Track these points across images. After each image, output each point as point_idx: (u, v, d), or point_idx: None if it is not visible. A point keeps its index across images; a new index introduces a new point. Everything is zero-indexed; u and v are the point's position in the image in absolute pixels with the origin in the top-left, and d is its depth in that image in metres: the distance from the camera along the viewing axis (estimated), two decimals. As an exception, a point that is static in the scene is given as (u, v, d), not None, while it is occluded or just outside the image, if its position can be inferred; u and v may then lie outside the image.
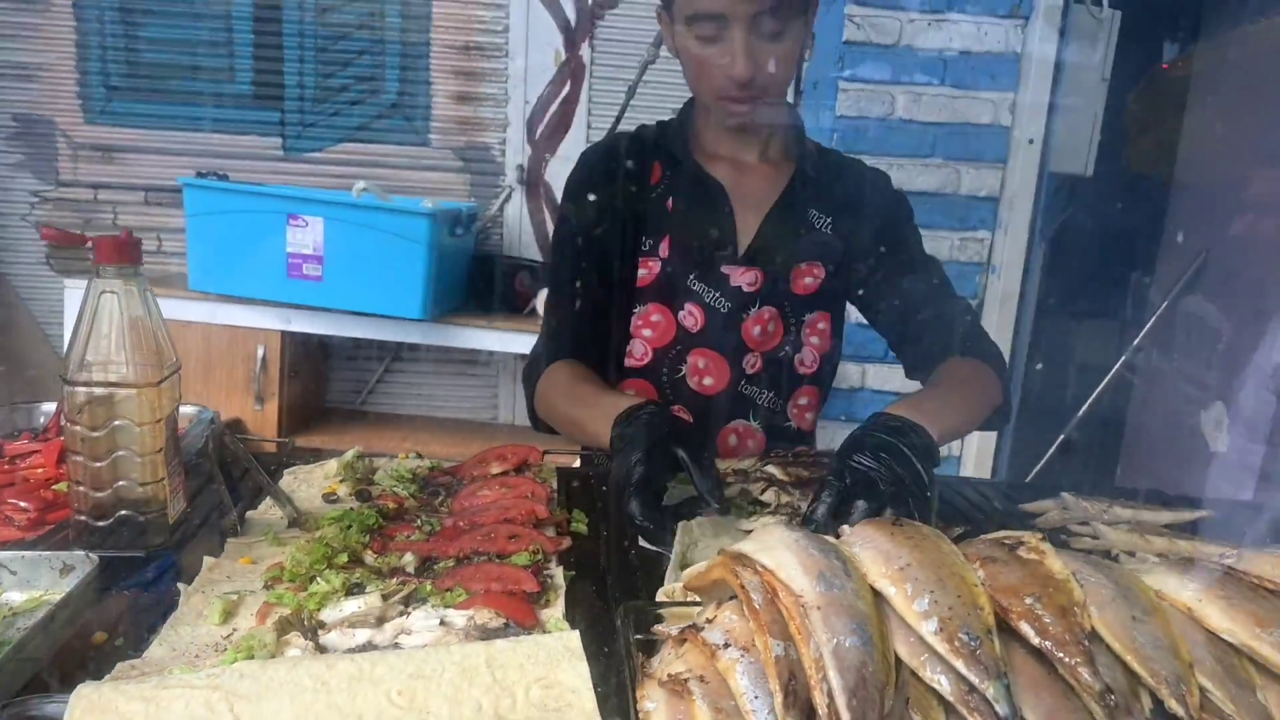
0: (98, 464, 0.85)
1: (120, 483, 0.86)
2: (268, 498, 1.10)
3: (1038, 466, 2.78)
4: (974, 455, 2.97)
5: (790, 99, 1.50)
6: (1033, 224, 2.83)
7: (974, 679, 0.49)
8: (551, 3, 2.93)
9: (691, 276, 1.38)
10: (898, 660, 0.52)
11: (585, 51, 2.98)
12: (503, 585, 0.85)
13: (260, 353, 2.64)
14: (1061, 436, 2.81)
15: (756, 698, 0.51)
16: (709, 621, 0.60)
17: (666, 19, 1.31)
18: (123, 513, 0.87)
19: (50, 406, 1.25)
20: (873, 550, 0.58)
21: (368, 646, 0.75)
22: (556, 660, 0.68)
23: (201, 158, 2.89)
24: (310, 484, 1.18)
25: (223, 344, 2.59)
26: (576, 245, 1.42)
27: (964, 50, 2.72)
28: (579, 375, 1.35)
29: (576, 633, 0.71)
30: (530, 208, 3.07)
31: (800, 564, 0.56)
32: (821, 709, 0.48)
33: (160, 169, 2.93)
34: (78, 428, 0.85)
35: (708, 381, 1.40)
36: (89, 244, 0.84)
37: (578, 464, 1.42)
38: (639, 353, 1.41)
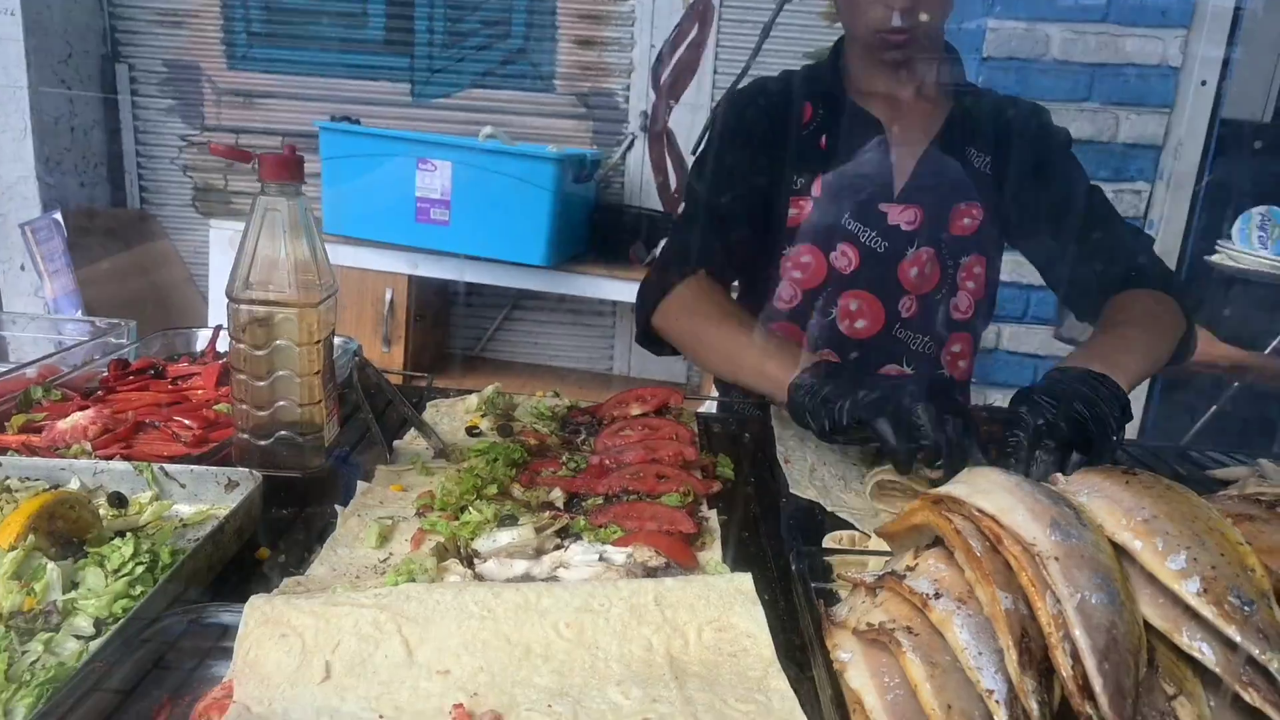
0: (260, 383, 0.85)
1: (280, 403, 0.87)
2: (412, 429, 1.10)
3: (1195, 428, 2.57)
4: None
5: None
6: (1199, 174, 2.59)
7: (1253, 648, 0.42)
8: (681, -58, 2.83)
9: (846, 215, 1.31)
10: (1145, 623, 0.46)
11: (714, -8, 2.87)
12: (658, 525, 0.82)
13: (389, 296, 2.69)
14: (1222, 399, 2.59)
15: (981, 653, 0.46)
16: (910, 569, 0.54)
17: None
18: (282, 433, 0.87)
19: (206, 332, 1.29)
20: (1106, 500, 0.51)
21: (525, 578, 0.73)
22: (729, 603, 0.64)
23: (335, 103, 2.94)
24: (452, 418, 1.17)
25: (352, 286, 2.65)
26: (722, 174, 1.34)
27: (1132, -17, 2.49)
28: (722, 299, 1.25)
29: (749, 575, 0.66)
30: (652, 156, 3.01)
31: (1029, 509, 0.49)
32: (1064, 670, 0.43)
33: (297, 114, 3.00)
34: (241, 345, 0.85)
35: (860, 325, 1.33)
36: (253, 161, 0.83)
37: (713, 408, 1.38)
38: (787, 295, 1.35)
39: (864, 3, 1.21)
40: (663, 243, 1.37)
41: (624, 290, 2.71)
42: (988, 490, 0.52)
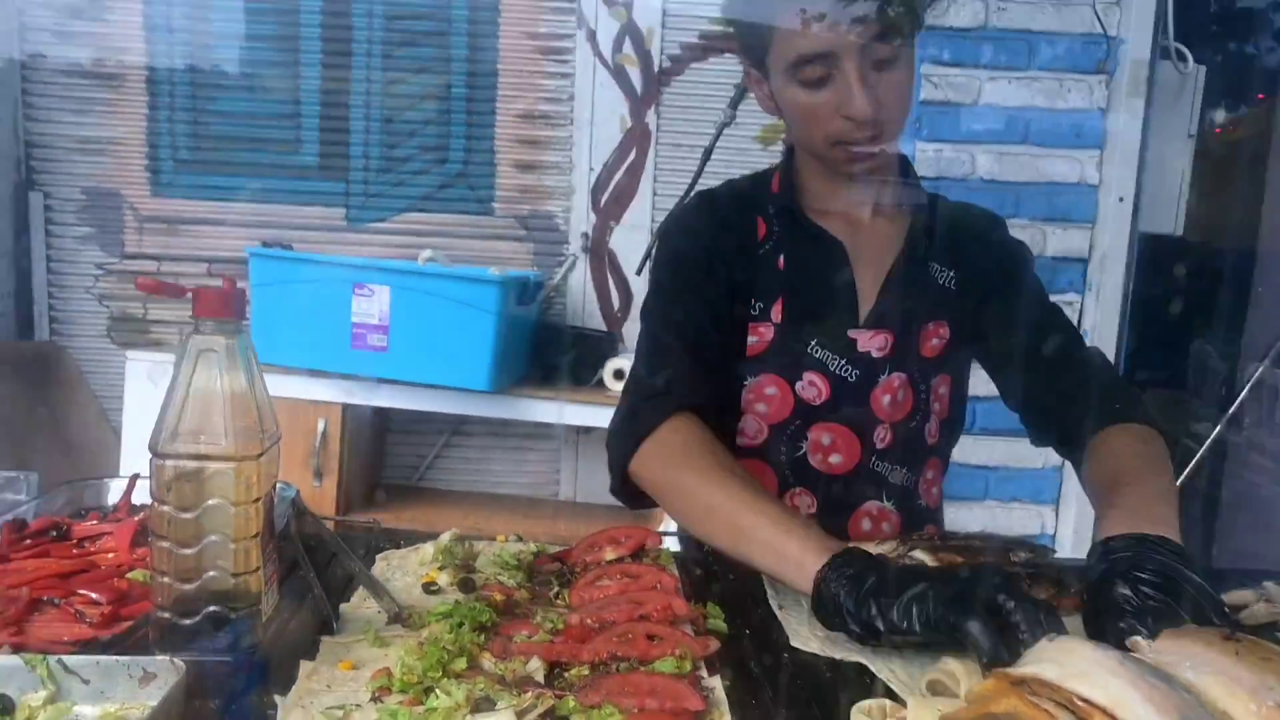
0: (187, 550, 0.73)
1: (210, 573, 0.74)
2: (360, 588, 0.98)
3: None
4: (1071, 533, 2.76)
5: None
6: (1126, 286, 2.68)
7: None
8: (618, 71, 2.91)
9: (812, 343, 1.23)
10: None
11: (651, 119, 2.93)
12: (659, 702, 0.71)
13: (321, 426, 2.54)
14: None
15: None
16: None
17: (757, 74, 1.19)
18: (211, 608, 0.75)
19: (119, 484, 1.15)
20: (1221, 677, 0.44)
21: (511, 781, 0.61)
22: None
23: (265, 229, 2.86)
24: (405, 571, 1.05)
25: (283, 418, 2.48)
26: (683, 299, 1.24)
27: (1047, 107, 2.62)
28: (712, 448, 1.09)
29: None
30: (594, 277, 2.99)
31: (1146, 699, 0.41)
32: None
33: (224, 240, 2.90)
34: (165, 507, 0.73)
35: (834, 460, 1.25)
36: (188, 294, 0.74)
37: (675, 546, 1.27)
38: (752, 430, 1.26)
39: (819, 114, 1.13)
40: (624, 381, 1.26)
41: (570, 413, 2.63)
42: (1085, 671, 0.44)
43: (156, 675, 0.70)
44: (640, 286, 2.97)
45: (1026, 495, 2.75)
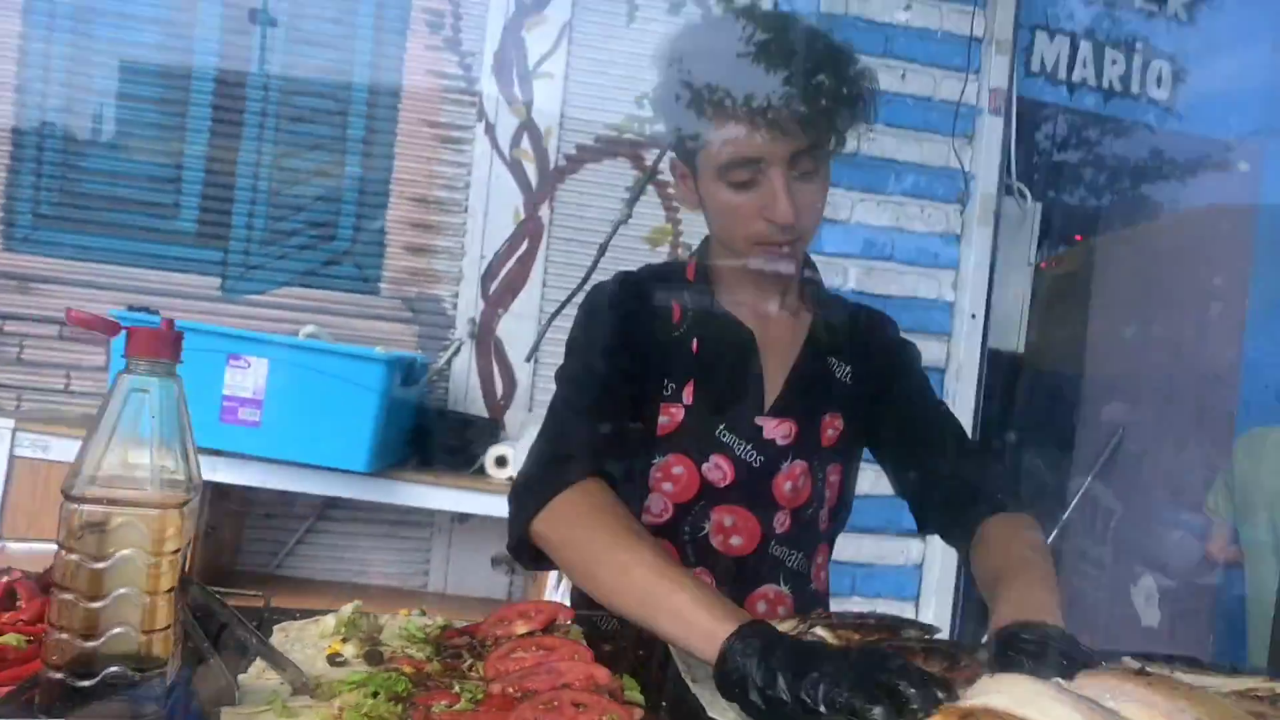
0: (93, 604, 0.68)
1: (116, 629, 0.69)
2: (257, 659, 0.92)
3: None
4: (938, 577, 2.88)
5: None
6: (978, 397, 2.91)
7: None
8: (514, 164, 2.99)
9: (720, 427, 1.28)
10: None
11: (544, 212, 3.01)
12: (595, 764, 0.70)
13: (176, 504, 2.37)
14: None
15: None
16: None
17: (685, 170, 1.27)
18: (113, 669, 0.69)
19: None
20: (1139, 705, 0.49)
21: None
22: None
23: (130, 293, 2.71)
24: (305, 643, 0.99)
25: (136, 493, 2.32)
26: (594, 367, 1.27)
27: (909, 229, 2.88)
28: (614, 511, 1.10)
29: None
30: (479, 363, 2.98)
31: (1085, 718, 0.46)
32: None
33: (81, 302, 2.71)
34: (73, 556, 0.68)
35: (735, 541, 1.28)
36: (121, 332, 0.71)
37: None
38: (657, 508, 1.28)
39: (743, 215, 1.21)
40: (532, 444, 1.26)
41: (448, 499, 2.57)
42: (1031, 699, 0.48)
43: (46, 744, 0.64)
44: (525, 375, 2.98)
45: (890, 591, 2.87)
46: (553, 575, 2.34)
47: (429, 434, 2.69)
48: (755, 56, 1.17)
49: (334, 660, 0.94)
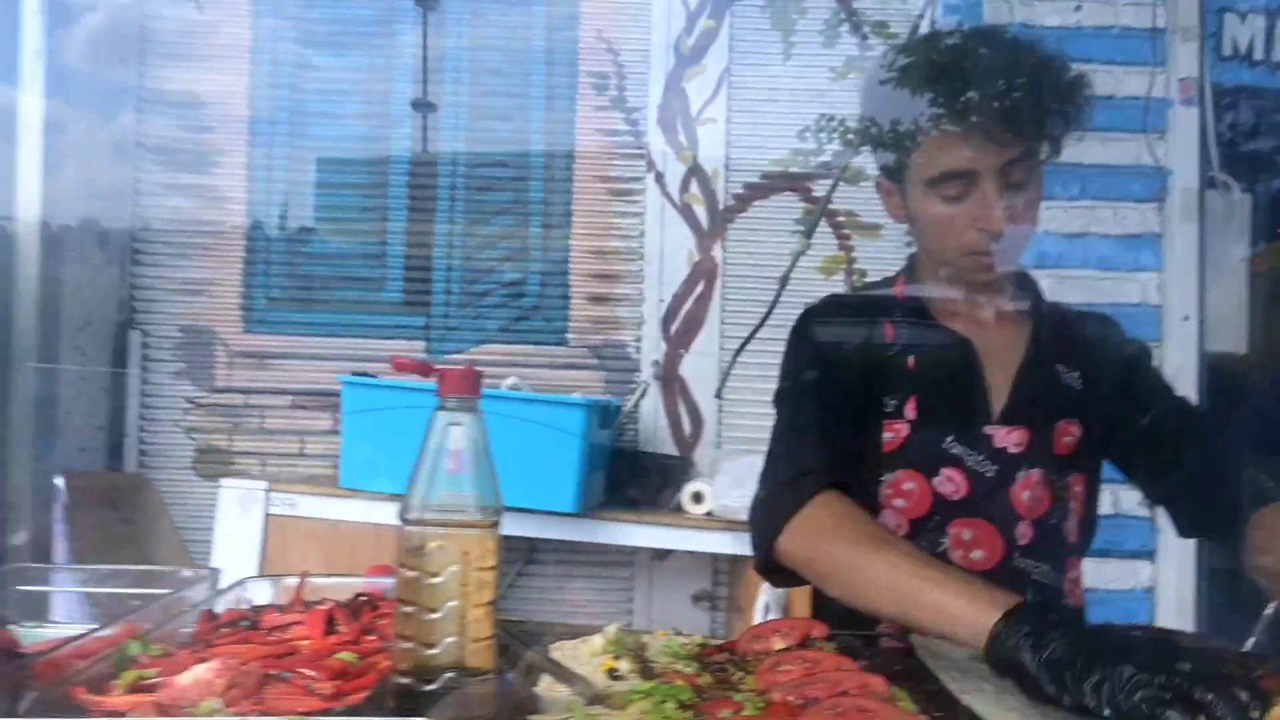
0: (433, 615, 0.76)
1: (449, 638, 0.77)
2: (544, 677, 0.99)
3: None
4: (1173, 603, 2.66)
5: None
6: (1199, 403, 2.70)
7: None
8: (684, 208, 3.08)
9: (949, 438, 1.28)
10: None
11: (717, 252, 3.08)
12: (902, 761, 0.71)
13: (404, 552, 2.55)
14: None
15: None
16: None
17: (892, 186, 1.31)
18: (449, 674, 0.77)
19: (287, 581, 1.18)
20: None
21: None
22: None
23: (349, 362, 2.97)
24: (579, 661, 1.06)
25: (371, 544, 2.52)
26: (813, 387, 1.31)
27: (1102, 234, 2.74)
28: (868, 519, 1.15)
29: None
30: (665, 404, 3.06)
31: None
32: None
33: (308, 374, 3.02)
34: (413, 573, 0.77)
35: (976, 555, 1.27)
36: (432, 375, 0.80)
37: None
38: (891, 524, 1.29)
39: (954, 226, 1.23)
40: (762, 470, 1.30)
41: (649, 536, 2.64)
42: None
43: (409, 739, 0.72)
44: (711, 413, 3.03)
45: (1120, 618, 2.68)
46: (759, 604, 2.34)
47: (625, 475, 2.78)
48: (961, 70, 1.19)
49: (613, 674, 1.00)
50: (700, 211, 3.09)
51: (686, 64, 3.11)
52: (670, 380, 3.06)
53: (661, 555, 2.94)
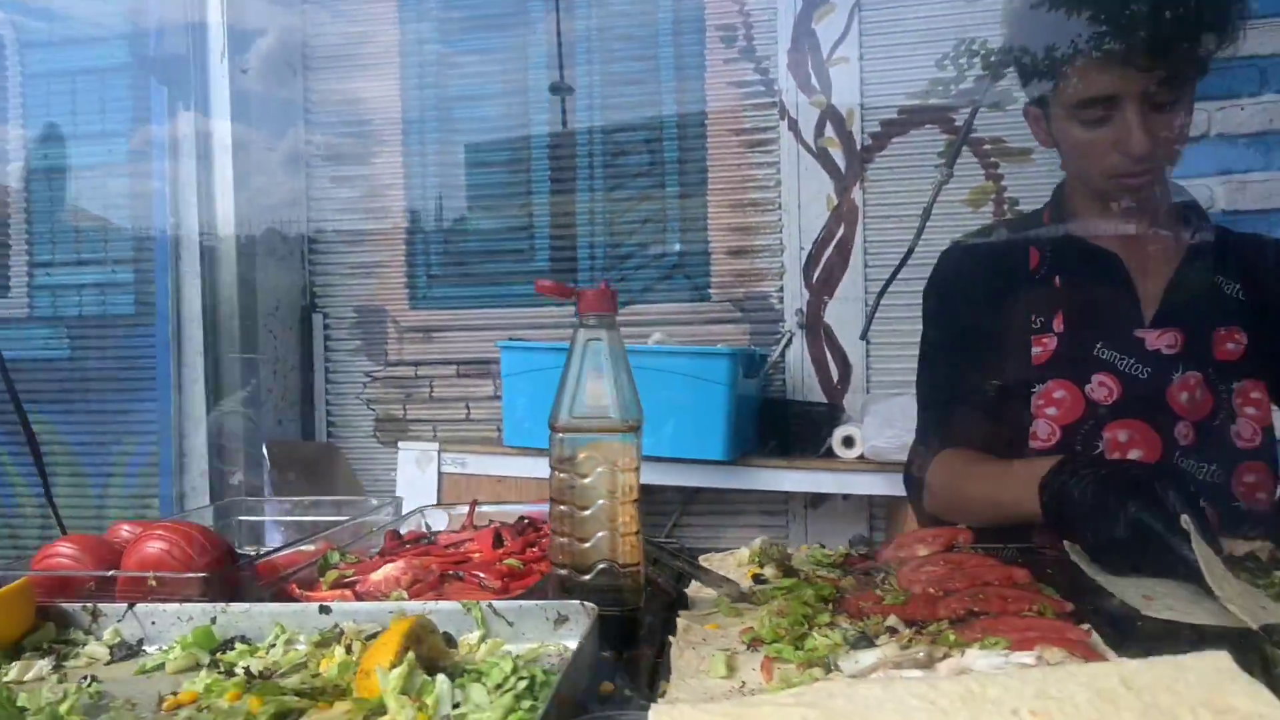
0: (585, 512, 0.84)
1: (600, 533, 0.85)
2: (693, 583, 1.05)
3: None
4: None
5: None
6: None
7: None
8: (821, 154, 3.04)
9: (1099, 345, 1.27)
10: None
11: (857, 195, 3.02)
12: (1039, 634, 0.73)
13: (567, 504, 2.70)
14: None
15: None
16: None
17: (1039, 112, 1.32)
18: (602, 565, 0.84)
19: (459, 510, 1.29)
20: None
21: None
22: (1216, 683, 0.55)
23: (505, 330, 3.14)
24: (726, 570, 1.11)
25: (534, 494, 2.68)
26: (950, 341, 1.40)
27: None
28: (976, 456, 1.29)
29: (1225, 652, 0.57)
30: (811, 351, 3.05)
31: None
32: None
33: (470, 344, 3.21)
34: (564, 474, 0.84)
35: (1135, 455, 1.24)
36: (573, 296, 0.87)
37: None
38: (1044, 433, 1.28)
39: (1098, 150, 1.23)
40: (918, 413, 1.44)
41: (801, 481, 2.66)
42: None
43: (569, 618, 0.80)
44: (858, 357, 3.00)
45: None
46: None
47: (774, 424, 2.80)
48: None
49: (758, 579, 1.05)
50: (837, 155, 3.04)
51: (815, 4, 3.05)
52: (815, 327, 3.04)
53: (815, 502, 2.95)
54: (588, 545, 0.84)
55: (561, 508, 0.85)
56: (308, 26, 3.36)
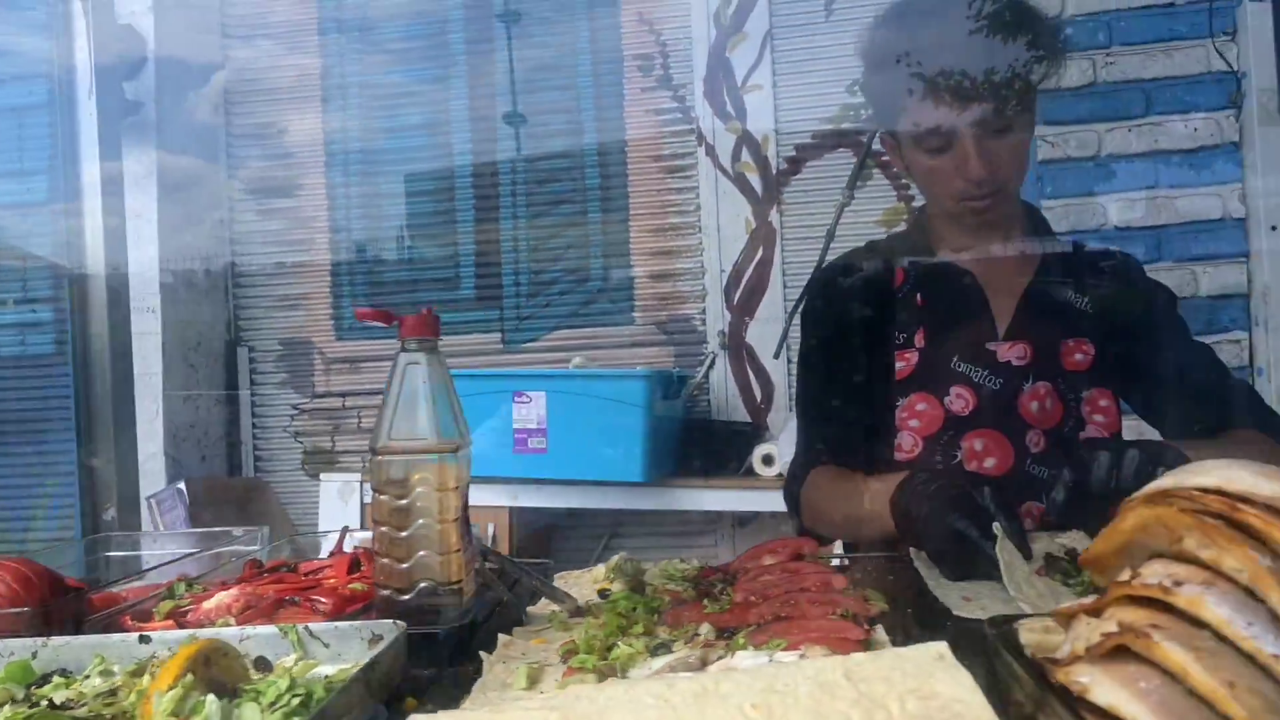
0: (403, 533, 0.86)
1: (420, 553, 0.86)
2: (542, 600, 1.07)
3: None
4: None
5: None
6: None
7: None
8: (738, 177, 3.10)
9: (955, 358, 1.32)
10: None
11: (774, 217, 3.09)
12: (823, 634, 0.76)
13: (491, 531, 2.70)
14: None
15: (1251, 623, 0.40)
16: (1131, 581, 0.49)
17: (892, 142, 1.39)
18: (423, 584, 0.86)
19: (333, 537, 1.30)
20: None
21: (692, 692, 0.67)
22: (928, 671, 0.58)
23: (432, 358, 3.15)
24: (580, 587, 1.14)
25: (457, 523, 2.68)
26: (821, 360, 1.46)
27: (1174, 149, 2.60)
28: (841, 474, 1.35)
29: (943, 642, 0.60)
30: (734, 372, 3.09)
31: (1252, 472, 0.45)
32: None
33: (397, 373, 3.21)
34: (384, 497, 0.86)
35: (990, 463, 1.29)
36: (395, 322, 0.90)
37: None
38: (907, 445, 1.33)
39: (941, 177, 1.30)
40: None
41: (722, 500, 2.69)
42: (1201, 470, 0.48)
43: (383, 637, 0.82)
44: (780, 376, 3.05)
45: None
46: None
47: (698, 444, 2.83)
48: (933, 28, 1.25)
49: (602, 594, 1.07)
50: (754, 179, 3.10)
51: (728, 33, 3.13)
52: (737, 348, 3.09)
53: (742, 521, 2.98)
54: (407, 565, 0.86)
55: (383, 529, 0.87)
56: (229, 60, 3.37)
